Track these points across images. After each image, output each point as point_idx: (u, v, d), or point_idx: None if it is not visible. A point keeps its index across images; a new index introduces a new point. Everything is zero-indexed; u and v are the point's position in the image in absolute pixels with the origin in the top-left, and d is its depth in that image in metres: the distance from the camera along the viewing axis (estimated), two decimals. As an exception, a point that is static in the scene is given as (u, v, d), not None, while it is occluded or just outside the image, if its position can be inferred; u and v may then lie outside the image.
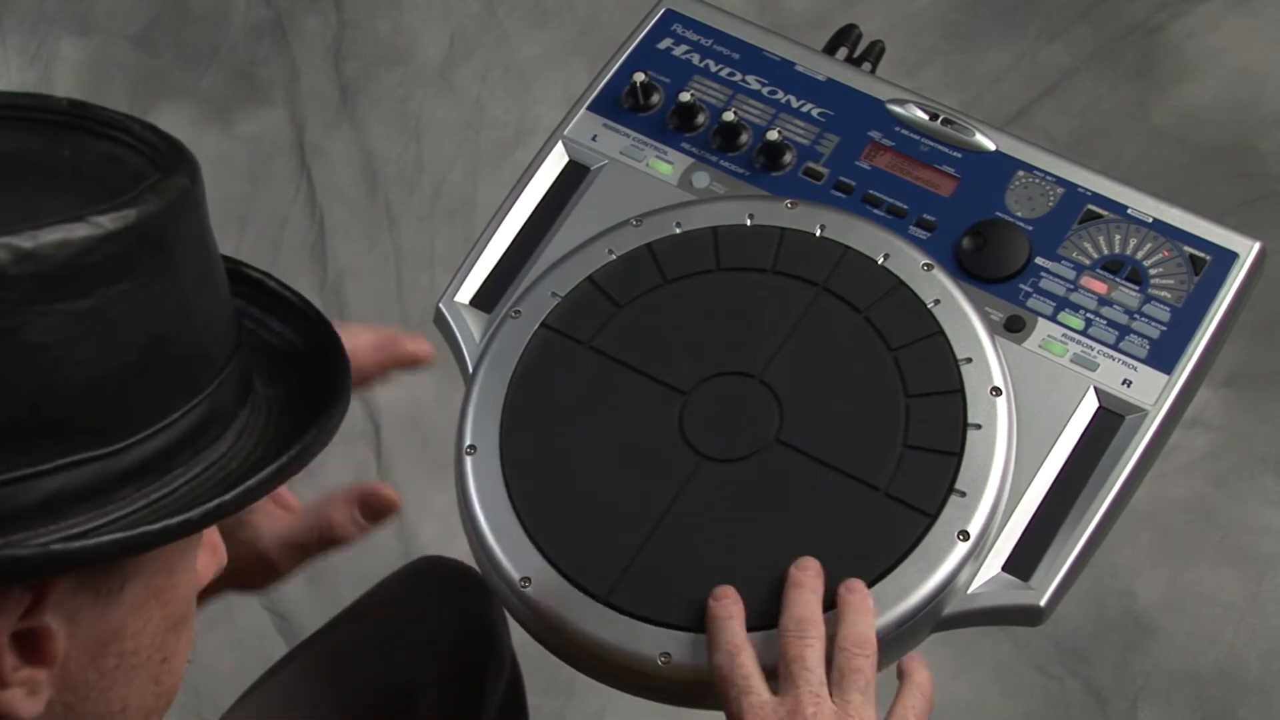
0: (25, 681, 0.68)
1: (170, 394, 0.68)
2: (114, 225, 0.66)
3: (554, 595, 1.03)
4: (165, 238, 0.68)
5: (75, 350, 0.65)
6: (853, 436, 1.05)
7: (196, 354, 0.70)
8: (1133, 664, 1.76)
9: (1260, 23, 2.11)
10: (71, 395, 0.65)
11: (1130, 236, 1.12)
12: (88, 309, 0.65)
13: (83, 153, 0.70)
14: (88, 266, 0.65)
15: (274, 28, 2.26)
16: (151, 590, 0.71)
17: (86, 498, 0.66)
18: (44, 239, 0.63)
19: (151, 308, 0.67)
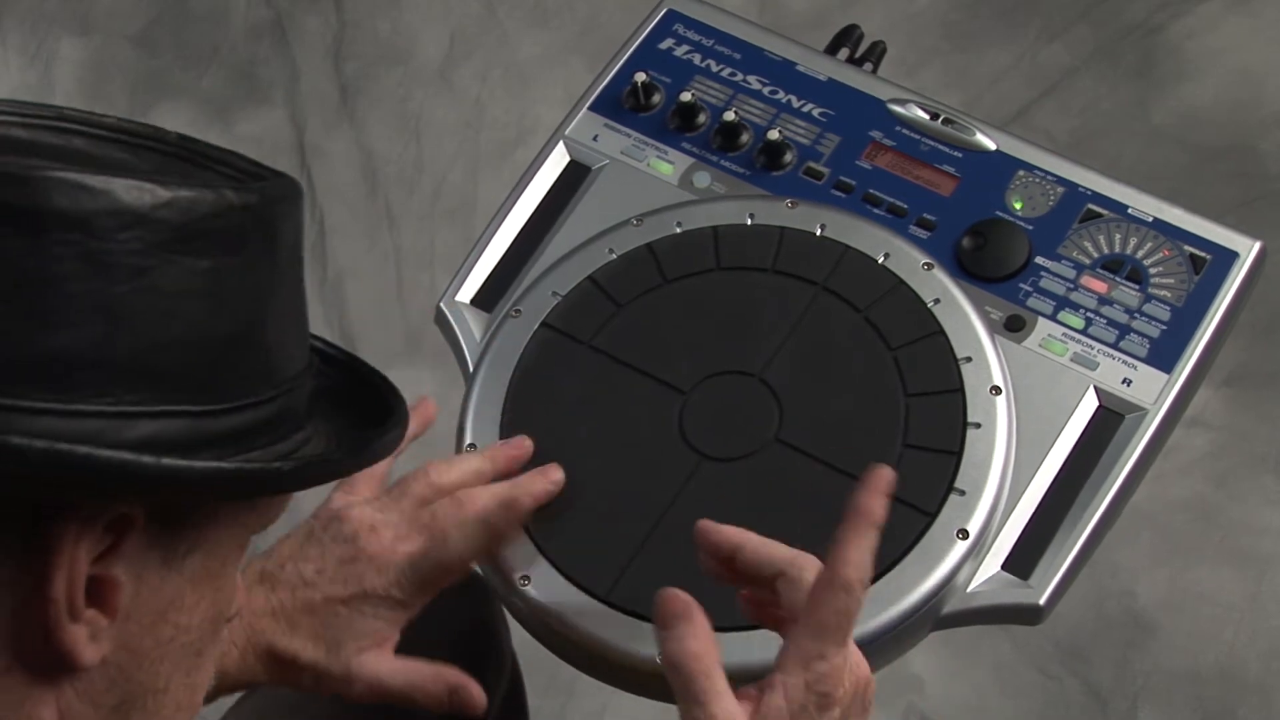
0: (91, 622, 0.70)
1: (257, 377, 0.72)
2: (239, 200, 0.70)
3: (554, 595, 1.03)
4: (274, 228, 0.72)
5: (190, 306, 0.69)
6: (852, 436, 1.05)
7: (279, 350, 0.74)
8: (1133, 664, 1.76)
9: (1260, 23, 2.11)
10: (180, 348, 0.69)
11: (1130, 236, 1.12)
12: (206, 270, 0.69)
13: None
14: (212, 231, 0.69)
15: (274, 28, 2.26)
16: (209, 572, 0.73)
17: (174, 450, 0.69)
18: (181, 194, 0.68)
19: (255, 290, 0.71)
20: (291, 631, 1.01)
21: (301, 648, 1.01)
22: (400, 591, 1.01)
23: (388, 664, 1.02)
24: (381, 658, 1.02)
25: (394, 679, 1.02)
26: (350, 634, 1.01)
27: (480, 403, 1.09)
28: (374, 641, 1.02)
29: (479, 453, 1.07)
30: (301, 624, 1.01)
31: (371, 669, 1.01)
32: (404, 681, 1.02)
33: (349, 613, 1.01)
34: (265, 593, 1.02)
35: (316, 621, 1.01)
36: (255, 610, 1.01)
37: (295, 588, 1.02)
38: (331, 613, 1.01)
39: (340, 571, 1.02)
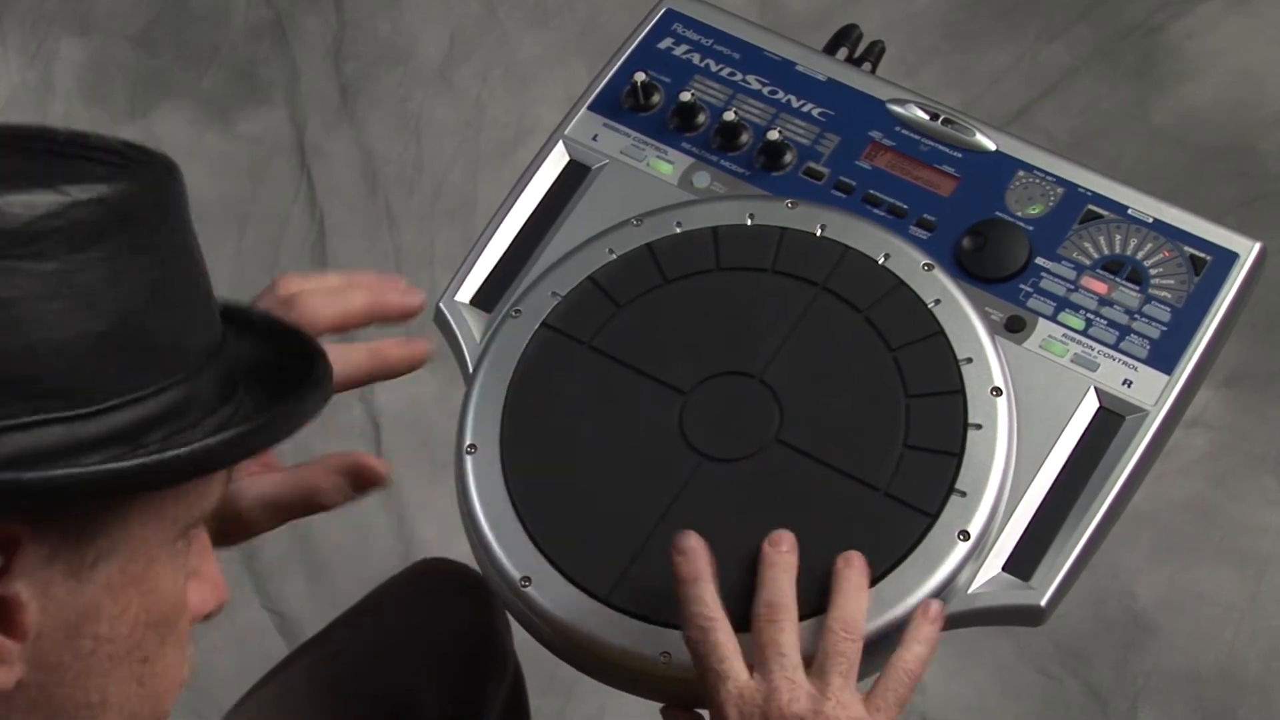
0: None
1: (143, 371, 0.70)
2: (82, 195, 0.68)
3: (554, 595, 1.03)
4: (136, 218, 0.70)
5: (40, 310, 0.67)
6: (853, 436, 1.05)
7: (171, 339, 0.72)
8: (1133, 664, 1.76)
9: (1260, 23, 2.11)
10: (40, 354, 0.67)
11: (1130, 236, 1.12)
12: (52, 272, 0.67)
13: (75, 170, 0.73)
14: (53, 231, 0.67)
15: (274, 28, 2.26)
16: (129, 576, 0.72)
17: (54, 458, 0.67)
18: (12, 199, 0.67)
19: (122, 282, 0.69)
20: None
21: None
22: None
23: (268, 482, 0.97)
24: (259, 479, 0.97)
25: (281, 493, 0.97)
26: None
27: (480, 403, 1.09)
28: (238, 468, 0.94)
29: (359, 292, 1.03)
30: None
31: (254, 493, 0.97)
32: (293, 490, 0.97)
33: None
34: None
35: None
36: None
37: None
38: None
39: None
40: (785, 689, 0.92)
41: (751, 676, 0.94)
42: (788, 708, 0.92)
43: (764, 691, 0.93)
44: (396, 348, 1.01)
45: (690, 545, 0.98)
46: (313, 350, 0.82)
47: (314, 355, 0.81)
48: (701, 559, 0.98)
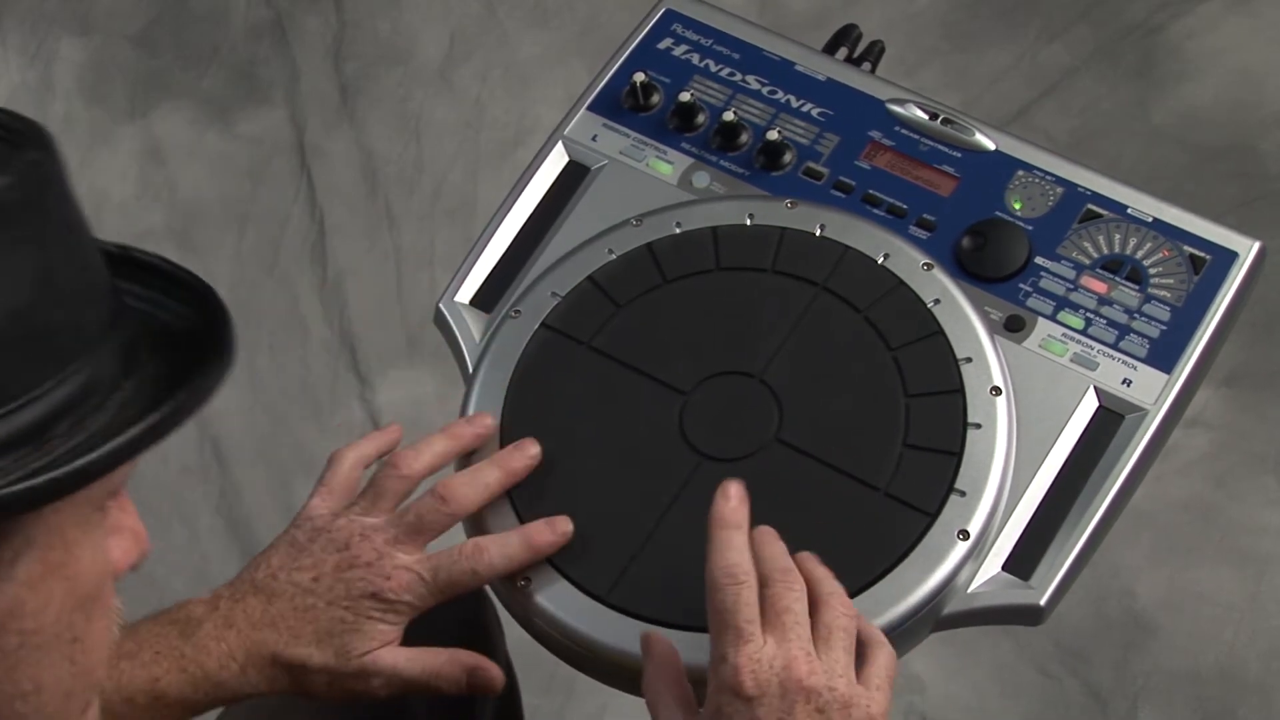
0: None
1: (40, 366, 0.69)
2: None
3: (554, 595, 1.03)
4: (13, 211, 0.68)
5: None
6: (852, 436, 1.05)
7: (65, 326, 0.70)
8: (1133, 664, 1.76)
9: (1260, 23, 2.11)
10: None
11: (1130, 236, 1.12)
12: None
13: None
14: None
15: (274, 28, 2.26)
16: (49, 566, 0.71)
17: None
18: None
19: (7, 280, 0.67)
20: (295, 639, 1.01)
21: (308, 654, 1.01)
22: (412, 596, 1.02)
23: (403, 656, 1.03)
24: (394, 651, 1.03)
25: (411, 668, 1.03)
26: (358, 637, 1.02)
27: (480, 404, 1.09)
28: (384, 641, 1.02)
29: (439, 433, 1.08)
30: (304, 631, 1.02)
31: (389, 663, 1.02)
32: (421, 669, 1.03)
33: (355, 618, 1.02)
34: (262, 604, 1.02)
35: (320, 628, 1.02)
36: (253, 621, 1.02)
37: (293, 596, 1.02)
38: (336, 619, 1.02)
39: (339, 578, 1.02)
40: (804, 661, 0.91)
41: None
42: (806, 679, 0.91)
43: (782, 659, 0.92)
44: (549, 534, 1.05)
45: (736, 491, 0.97)
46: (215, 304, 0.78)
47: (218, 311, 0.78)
48: (744, 509, 0.97)
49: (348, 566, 1.02)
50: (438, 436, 1.07)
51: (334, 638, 1.01)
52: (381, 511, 1.04)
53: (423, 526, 1.03)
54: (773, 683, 0.90)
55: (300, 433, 1.98)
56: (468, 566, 1.03)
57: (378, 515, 1.04)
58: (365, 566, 1.02)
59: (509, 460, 1.06)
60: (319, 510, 1.05)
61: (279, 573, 1.03)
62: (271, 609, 1.02)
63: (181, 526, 1.93)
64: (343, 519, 1.04)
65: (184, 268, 0.80)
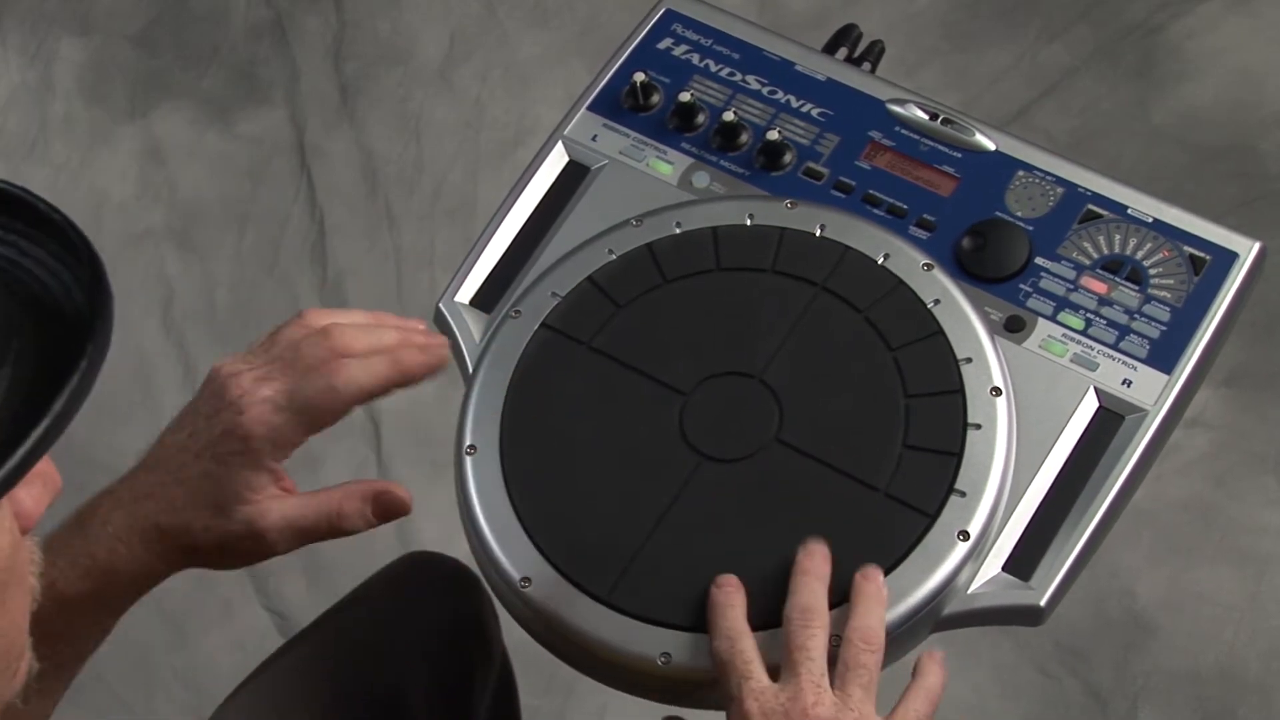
0: None
1: None
2: None
3: (554, 595, 1.03)
4: None
5: None
6: (852, 436, 1.05)
7: None
8: (1133, 664, 1.76)
9: (1260, 23, 2.11)
10: None
11: (1130, 236, 1.12)
12: None
13: None
14: None
15: (274, 28, 2.26)
16: None
17: None
18: None
19: None
20: (171, 504, 0.95)
21: (189, 518, 0.95)
22: (266, 428, 0.94)
23: (291, 504, 0.96)
24: (280, 501, 0.96)
25: (304, 515, 0.96)
26: (226, 486, 0.94)
27: (480, 404, 1.09)
28: (254, 488, 0.95)
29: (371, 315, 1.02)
30: (178, 493, 0.95)
31: (276, 515, 0.95)
32: (316, 514, 0.97)
33: (220, 468, 0.94)
34: (144, 474, 0.96)
35: (192, 488, 0.95)
36: (136, 495, 0.96)
37: (168, 460, 0.96)
38: (204, 473, 0.95)
39: (207, 427, 0.95)
40: (811, 692, 0.93)
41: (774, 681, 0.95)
42: (812, 710, 0.92)
43: (789, 692, 0.93)
44: (418, 354, 0.99)
45: (730, 580, 0.99)
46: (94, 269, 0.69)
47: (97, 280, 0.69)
48: (739, 593, 0.99)
49: (215, 412, 0.95)
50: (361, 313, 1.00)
51: (205, 494, 0.94)
52: (265, 352, 0.97)
53: (297, 360, 0.96)
54: (778, 713, 0.92)
55: (300, 433, 1.97)
56: (324, 384, 0.95)
57: (260, 355, 0.97)
58: (228, 407, 0.94)
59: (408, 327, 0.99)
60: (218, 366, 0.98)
61: (165, 437, 0.97)
62: (151, 478, 0.95)
63: (181, 526, 1.93)
64: (227, 364, 0.97)
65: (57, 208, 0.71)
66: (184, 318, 2.04)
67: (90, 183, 2.14)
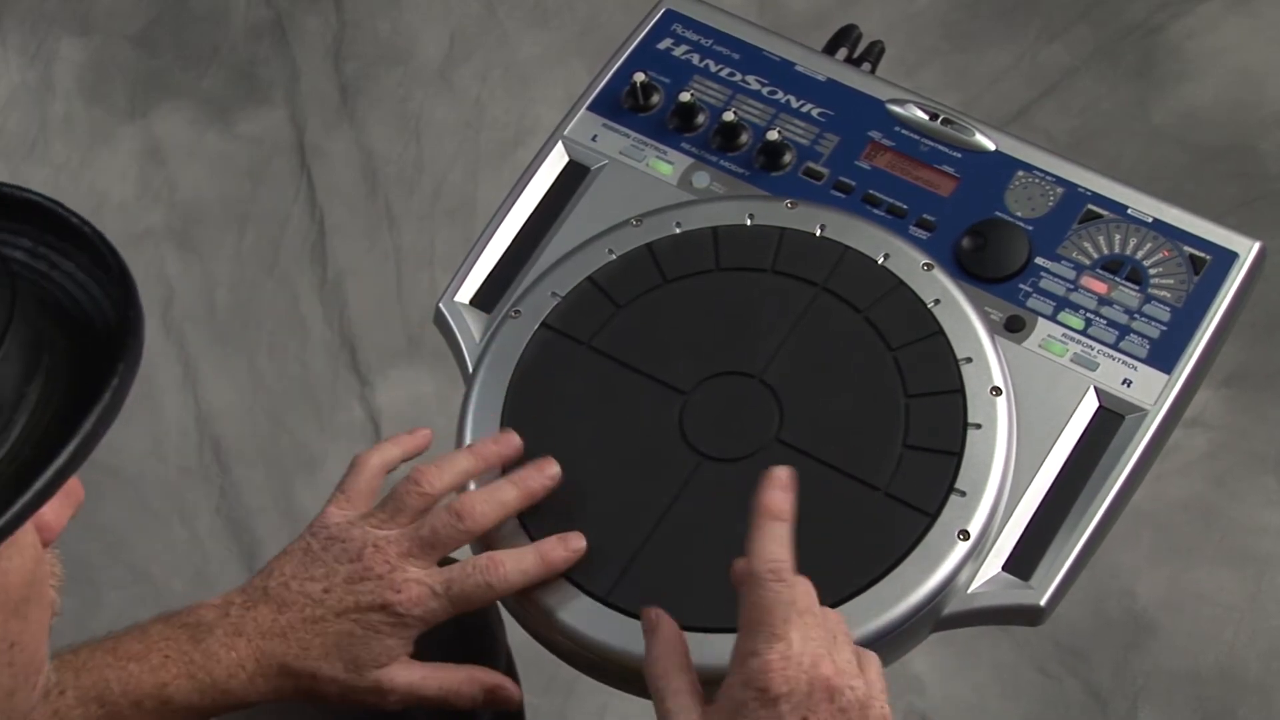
0: None
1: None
2: None
3: (554, 595, 1.03)
4: None
5: None
6: (853, 436, 1.05)
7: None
8: (1133, 664, 1.76)
9: (1260, 23, 2.11)
10: None
11: (1130, 236, 1.12)
12: None
13: None
14: None
15: (274, 28, 2.26)
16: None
17: None
18: None
19: None
20: (305, 651, 1.01)
21: (318, 666, 1.01)
22: (423, 610, 1.02)
23: (418, 672, 1.03)
24: (409, 668, 1.03)
25: (428, 686, 1.03)
26: (369, 651, 1.01)
27: (480, 404, 1.09)
28: (394, 656, 1.02)
29: (465, 451, 1.07)
30: (314, 643, 1.01)
31: (404, 680, 1.02)
32: (438, 687, 1.03)
33: (363, 631, 1.01)
34: (272, 613, 1.02)
35: (329, 640, 1.01)
36: (263, 630, 1.01)
37: (304, 607, 1.01)
38: (346, 631, 1.01)
39: (350, 590, 1.02)
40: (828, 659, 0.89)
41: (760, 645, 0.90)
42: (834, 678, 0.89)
43: (810, 658, 0.89)
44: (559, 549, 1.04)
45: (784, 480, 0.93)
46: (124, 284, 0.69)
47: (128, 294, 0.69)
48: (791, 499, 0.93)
49: (359, 579, 1.02)
50: (463, 453, 1.06)
51: (342, 650, 1.01)
52: (398, 525, 1.03)
53: (437, 541, 1.03)
54: (801, 680, 0.88)
55: (300, 433, 1.98)
56: (482, 580, 1.02)
57: (393, 528, 1.03)
58: (377, 579, 1.02)
59: (527, 480, 1.05)
60: (335, 518, 1.04)
61: (291, 581, 1.02)
62: (281, 619, 1.01)
63: (181, 526, 1.93)
64: (358, 529, 1.03)
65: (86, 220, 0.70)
66: (184, 318, 2.04)
67: (90, 183, 2.14)
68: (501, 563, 1.02)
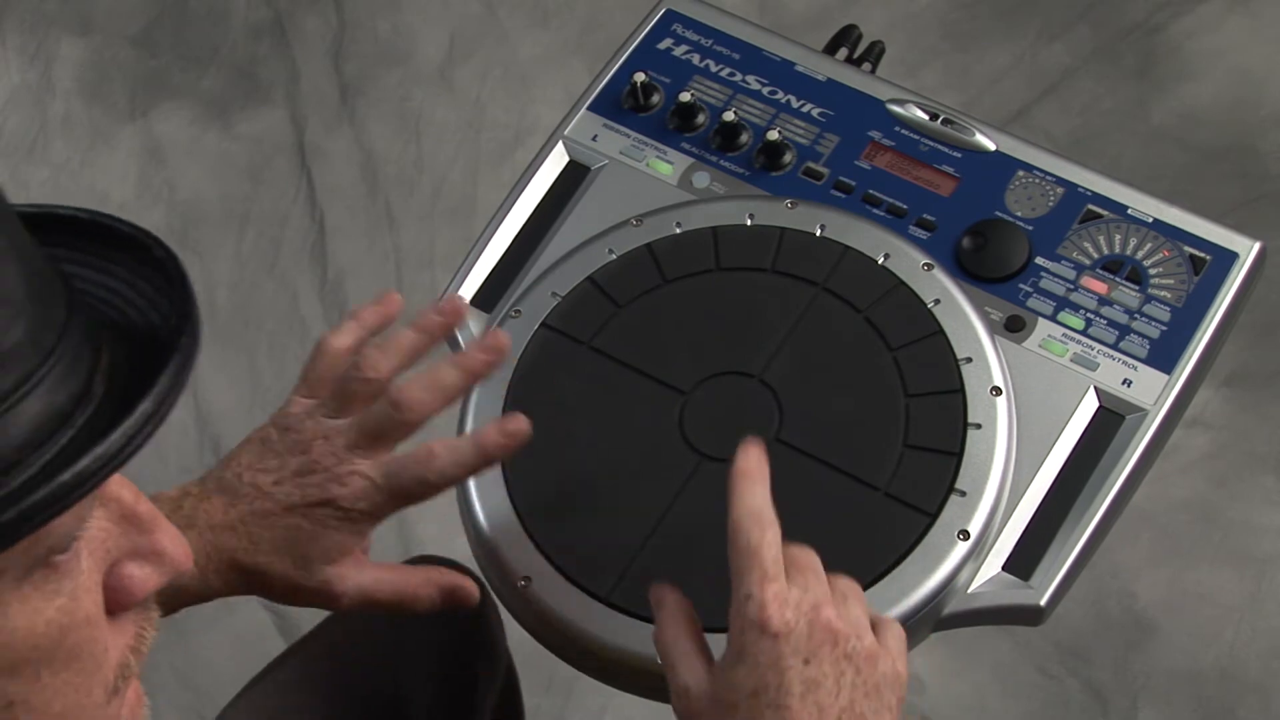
0: None
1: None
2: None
3: (554, 595, 1.03)
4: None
5: None
6: (853, 436, 1.05)
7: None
8: (1133, 664, 1.76)
9: (1260, 23, 2.11)
10: None
11: (1130, 236, 1.12)
12: None
13: None
14: None
15: (274, 28, 2.26)
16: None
17: None
18: None
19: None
20: (254, 546, 0.98)
21: (268, 562, 0.98)
22: (366, 504, 0.99)
23: (370, 574, 1.00)
24: (361, 569, 1.00)
25: (380, 589, 1.00)
26: (317, 547, 0.98)
27: (480, 403, 1.09)
28: (343, 552, 0.99)
29: (409, 326, 1.03)
30: (263, 537, 0.98)
31: (354, 581, 0.99)
32: (392, 590, 1.01)
33: (312, 526, 0.98)
34: (224, 505, 0.99)
35: (278, 535, 0.98)
36: (214, 523, 0.98)
37: (254, 499, 0.98)
38: (293, 525, 0.98)
39: (298, 483, 0.99)
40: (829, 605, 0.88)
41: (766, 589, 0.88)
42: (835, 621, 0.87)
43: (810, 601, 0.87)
44: (496, 435, 1.00)
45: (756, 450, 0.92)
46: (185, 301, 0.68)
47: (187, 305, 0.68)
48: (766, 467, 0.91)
49: (307, 471, 0.98)
50: (405, 331, 1.03)
51: (293, 546, 0.98)
52: (348, 415, 1.00)
53: (380, 432, 0.99)
54: (800, 622, 0.86)
55: (300, 433, 1.97)
56: (418, 472, 0.99)
57: (342, 418, 1.00)
58: (324, 472, 0.98)
59: (469, 360, 1.01)
60: (295, 408, 1.01)
61: (244, 472, 0.99)
62: (232, 512, 0.98)
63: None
64: (311, 420, 1.00)
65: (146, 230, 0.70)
66: (184, 318, 2.04)
67: (90, 183, 2.14)
68: (436, 454, 0.99)
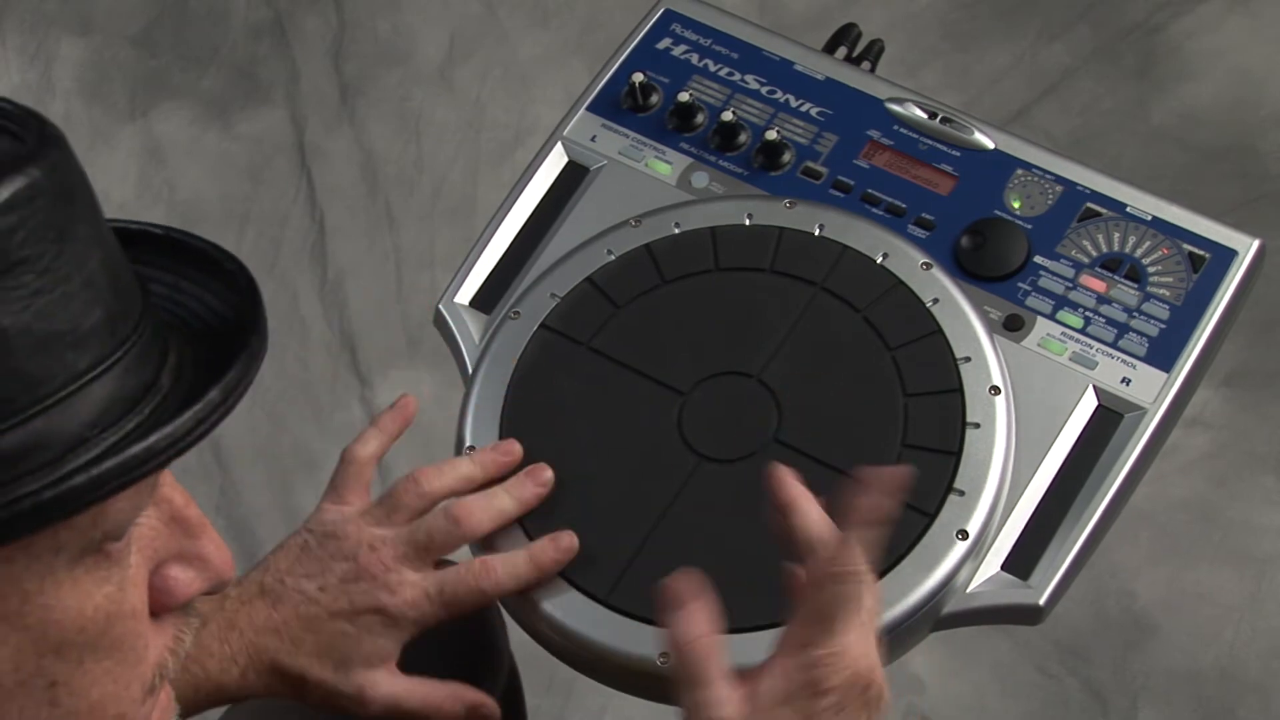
0: None
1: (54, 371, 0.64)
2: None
3: (554, 597, 1.03)
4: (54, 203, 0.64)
5: None
6: (851, 436, 1.05)
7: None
8: (1133, 664, 1.76)
9: (1260, 23, 2.11)
10: None
11: (1129, 234, 1.12)
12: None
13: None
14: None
15: (274, 28, 2.26)
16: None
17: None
18: None
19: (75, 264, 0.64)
20: (296, 649, 1.01)
21: (308, 665, 1.01)
22: (416, 613, 1.02)
23: (402, 684, 1.02)
24: (394, 678, 1.02)
25: (410, 699, 1.03)
26: (358, 652, 1.01)
27: (479, 405, 1.09)
28: (383, 658, 1.02)
29: (468, 458, 1.07)
30: (305, 641, 1.01)
31: (386, 689, 1.02)
32: (420, 702, 1.03)
33: (356, 631, 1.01)
34: (266, 608, 1.01)
35: (321, 639, 1.01)
36: (256, 626, 1.01)
37: (298, 604, 1.01)
38: (337, 631, 1.01)
39: (344, 589, 1.01)
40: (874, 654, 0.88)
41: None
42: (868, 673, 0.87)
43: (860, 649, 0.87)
44: (550, 550, 1.03)
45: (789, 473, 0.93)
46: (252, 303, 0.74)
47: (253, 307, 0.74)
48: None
49: (354, 578, 1.02)
50: (463, 460, 1.06)
51: (334, 650, 1.01)
52: (394, 524, 1.03)
53: (432, 545, 1.03)
54: (847, 675, 0.86)
55: (300, 433, 1.98)
56: (475, 585, 1.02)
57: (389, 528, 1.03)
58: (371, 579, 1.02)
59: (521, 489, 1.05)
60: (331, 514, 1.04)
61: (285, 577, 1.02)
62: (275, 615, 1.01)
63: (181, 527, 1.93)
64: (353, 526, 1.03)
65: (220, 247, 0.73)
66: (184, 318, 2.04)
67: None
68: (494, 567, 1.02)
